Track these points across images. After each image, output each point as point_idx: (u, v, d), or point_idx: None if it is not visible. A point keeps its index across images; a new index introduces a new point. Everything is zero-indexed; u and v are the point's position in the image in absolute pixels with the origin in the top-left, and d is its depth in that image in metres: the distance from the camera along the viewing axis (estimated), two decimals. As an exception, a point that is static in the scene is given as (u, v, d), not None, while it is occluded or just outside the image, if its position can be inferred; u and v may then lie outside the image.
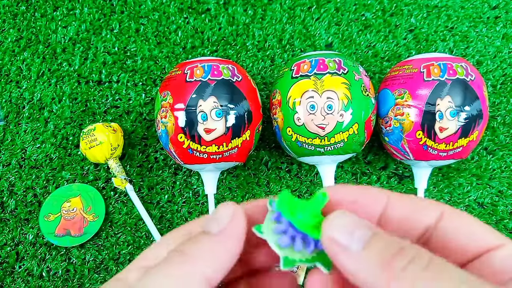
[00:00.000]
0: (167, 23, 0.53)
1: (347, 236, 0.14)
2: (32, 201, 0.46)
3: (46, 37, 0.53)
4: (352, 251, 0.14)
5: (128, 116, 0.49)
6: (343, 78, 0.38)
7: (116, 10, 0.53)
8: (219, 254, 0.15)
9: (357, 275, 0.14)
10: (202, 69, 0.39)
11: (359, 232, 0.14)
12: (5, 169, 0.48)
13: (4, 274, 0.44)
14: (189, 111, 0.38)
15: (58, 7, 0.54)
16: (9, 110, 0.50)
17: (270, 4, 0.53)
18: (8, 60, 0.52)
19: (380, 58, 0.51)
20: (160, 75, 0.51)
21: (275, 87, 0.42)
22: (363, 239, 0.14)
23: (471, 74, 0.39)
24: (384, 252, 0.13)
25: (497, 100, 0.50)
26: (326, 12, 0.53)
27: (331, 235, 0.14)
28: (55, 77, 0.51)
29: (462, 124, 0.38)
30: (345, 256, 0.14)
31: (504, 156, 0.48)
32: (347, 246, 0.14)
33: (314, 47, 0.52)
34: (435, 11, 0.53)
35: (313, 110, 0.38)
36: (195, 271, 0.14)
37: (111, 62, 0.51)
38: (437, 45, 0.52)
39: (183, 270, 0.14)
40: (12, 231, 0.45)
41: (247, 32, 0.52)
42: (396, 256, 0.13)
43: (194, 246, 0.15)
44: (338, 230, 0.14)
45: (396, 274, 0.13)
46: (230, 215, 0.16)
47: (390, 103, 0.41)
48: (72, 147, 0.48)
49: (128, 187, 0.45)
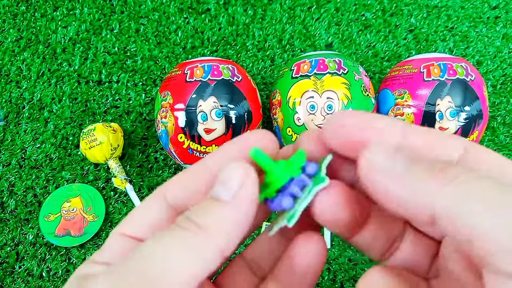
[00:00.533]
0: (167, 23, 0.53)
1: (390, 160, 0.13)
2: (32, 201, 0.46)
3: (46, 37, 0.53)
4: (396, 172, 0.13)
5: (128, 116, 0.49)
6: (343, 78, 0.38)
7: (116, 10, 0.53)
8: (233, 223, 0.14)
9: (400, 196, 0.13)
10: (202, 69, 0.39)
11: (402, 155, 0.13)
12: (5, 169, 0.48)
13: (4, 274, 0.44)
14: (189, 111, 0.38)
15: (58, 7, 0.54)
16: (9, 110, 0.50)
17: (270, 4, 0.53)
18: (8, 60, 0.52)
19: (380, 58, 0.51)
20: (160, 75, 0.51)
21: (275, 87, 0.42)
22: (407, 160, 0.13)
23: (471, 74, 0.39)
24: (431, 168, 0.12)
25: (497, 100, 0.50)
26: (326, 12, 0.53)
27: (371, 158, 0.13)
28: (55, 77, 0.51)
29: (462, 124, 0.38)
30: (389, 179, 0.13)
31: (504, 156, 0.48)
32: (390, 168, 0.13)
33: (314, 47, 0.52)
34: (435, 11, 0.53)
35: (313, 110, 0.38)
36: (209, 243, 0.13)
37: (111, 62, 0.51)
38: (437, 45, 0.52)
39: (197, 243, 0.13)
40: (12, 231, 0.45)
41: (247, 32, 0.52)
42: (445, 168, 0.12)
43: (207, 216, 0.14)
44: (379, 155, 0.13)
45: (450, 180, 0.12)
46: (241, 178, 0.14)
47: (390, 103, 0.41)
48: (72, 147, 0.48)
49: (128, 187, 0.45)
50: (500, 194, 0.11)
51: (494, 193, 0.11)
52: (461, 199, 0.11)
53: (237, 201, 0.14)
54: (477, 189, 0.11)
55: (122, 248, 0.15)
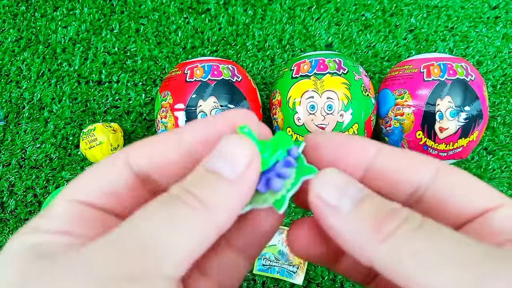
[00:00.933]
0: (167, 23, 0.53)
1: (337, 196, 0.13)
2: (32, 201, 0.46)
3: (46, 37, 0.53)
4: (342, 212, 0.13)
5: (128, 116, 0.49)
6: (343, 78, 0.38)
7: (116, 10, 0.53)
8: (234, 202, 0.13)
9: (345, 237, 0.13)
10: (202, 69, 0.39)
11: (351, 192, 0.13)
12: (5, 169, 0.48)
13: (4, 274, 0.44)
14: (189, 111, 0.38)
15: (58, 7, 0.54)
16: (9, 110, 0.50)
17: (270, 4, 0.53)
18: (8, 60, 0.52)
19: (380, 58, 0.51)
20: (160, 75, 0.51)
21: (275, 87, 0.42)
22: (354, 199, 0.13)
23: (471, 74, 0.39)
24: (375, 213, 0.12)
25: (497, 100, 0.50)
26: (326, 12, 0.53)
27: (319, 193, 0.13)
28: (55, 77, 0.51)
29: (462, 124, 0.38)
30: (334, 217, 0.13)
31: (504, 156, 0.48)
32: (336, 206, 0.13)
33: (314, 47, 0.52)
34: (435, 11, 0.53)
35: (313, 110, 0.38)
36: (210, 221, 0.12)
37: (111, 62, 0.51)
38: (437, 45, 0.52)
39: (197, 219, 0.12)
40: (12, 231, 0.45)
41: (247, 32, 0.52)
42: (387, 217, 0.12)
43: (209, 193, 0.13)
44: (328, 188, 0.13)
45: (387, 235, 0.12)
46: (250, 157, 0.13)
47: (390, 103, 0.41)
48: (72, 147, 0.48)
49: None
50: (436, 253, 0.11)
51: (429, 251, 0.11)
52: (395, 259, 0.12)
53: (242, 180, 0.13)
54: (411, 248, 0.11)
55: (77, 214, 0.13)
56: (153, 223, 0.12)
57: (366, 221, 0.12)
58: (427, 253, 0.11)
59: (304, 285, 0.43)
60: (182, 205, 0.12)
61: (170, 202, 0.12)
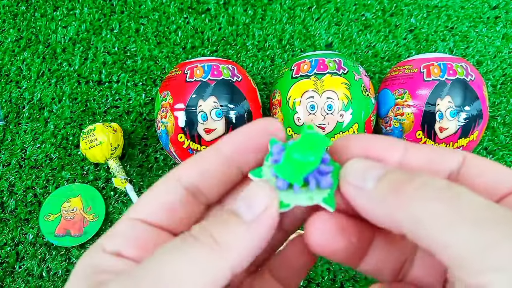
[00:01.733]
0: (167, 23, 0.53)
1: (362, 178, 0.14)
2: (32, 201, 0.46)
3: (46, 37, 0.53)
4: (366, 189, 0.14)
5: (128, 116, 0.49)
6: (343, 78, 0.38)
7: (116, 10, 0.53)
8: (250, 243, 0.14)
9: (372, 213, 0.14)
10: (202, 69, 0.39)
11: (374, 172, 0.14)
12: (5, 169, 0.48)
13: (4, 274, 0.44)
14: (189, 111, 0.38)
15: (58, 7, 0.54)
16: (9, 110, 0.50)
17: (270, 4, 0.53)
18: (8, 60, 0.52)
19: (380, 58, 0.51)
20: (160, 75, 0.51)
21: (275, 87, 0.42)
22: (376, 177, 0.14)
23: (471, 74, 0.39)
24: (394, 182, 0.13)
25: (497, 100, 0.50)
26: (326, 12, 0.53)
27: (347, 178, 0.14)
28: (55, 77, 0.51)
29: (462, 124, 0.38)
30: (361, 196, 0.14)
31: (504, 156, 0.48)
32: (362, 186, 0.14)
33: (314, 47, 0.52)
34: (435, 11, 0.53)
35: (313, 110, 0.38)
36: (224, 260, 0.13)
37: (111, 62, 0.51)
38: (437, 45, 0.52)
39: (211, 258, 0.13)
40: (12, 231, 0.45)
41: (247, 32, 0.52)
42: (406, 183, 0.13)
43: (226, 232, 0.13)
44: (353, 173, 0.14)
45: (407, 198, 0.12)
46: (266, 202, 0.14)
47: (390, 103, 0.41)
48: (72, 147, 0.48)
49: (128, 187, 0.45)
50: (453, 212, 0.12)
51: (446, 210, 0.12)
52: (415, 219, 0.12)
53: (257, 224, 0.14)
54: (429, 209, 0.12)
55: (135, 234, 0.15)
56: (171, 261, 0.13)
57: (387, 190, 0.13)
58: (444, 212, 0.12)
59: (304, 285, 0.43)
60: (198, 244, 0.13)
61: (189, 242, 0.13)
